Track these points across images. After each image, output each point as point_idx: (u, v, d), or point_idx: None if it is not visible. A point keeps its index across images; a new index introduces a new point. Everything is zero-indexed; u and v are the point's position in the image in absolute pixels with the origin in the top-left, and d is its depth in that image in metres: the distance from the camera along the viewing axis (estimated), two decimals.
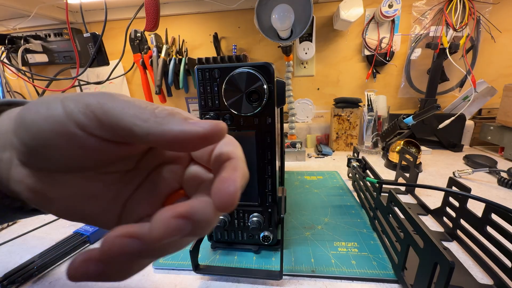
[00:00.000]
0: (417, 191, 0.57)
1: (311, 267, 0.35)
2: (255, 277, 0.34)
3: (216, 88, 0.32)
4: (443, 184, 0.60)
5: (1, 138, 0.15)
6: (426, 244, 0.26)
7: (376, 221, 0.42)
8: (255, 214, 0.36)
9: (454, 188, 0.40)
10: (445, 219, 0.43)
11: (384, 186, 0.42)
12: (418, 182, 0.62)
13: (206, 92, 0.33)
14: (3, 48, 0.96)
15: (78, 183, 0.14)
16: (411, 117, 0.72)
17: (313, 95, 1.00)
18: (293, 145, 0.83)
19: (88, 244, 0.43)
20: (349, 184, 0.62)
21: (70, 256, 0.40)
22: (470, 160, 0.71)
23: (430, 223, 0.45)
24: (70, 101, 0.12)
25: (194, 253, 0.34)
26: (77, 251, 0.41)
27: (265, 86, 0.30)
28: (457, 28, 0.77)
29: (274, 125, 0.33)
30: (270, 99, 0.31)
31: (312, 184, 0.63)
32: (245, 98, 0.31)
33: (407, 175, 0.55)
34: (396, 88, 0.95)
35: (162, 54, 0.91)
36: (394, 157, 0.71)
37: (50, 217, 0.52)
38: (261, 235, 0.36)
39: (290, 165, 0.79)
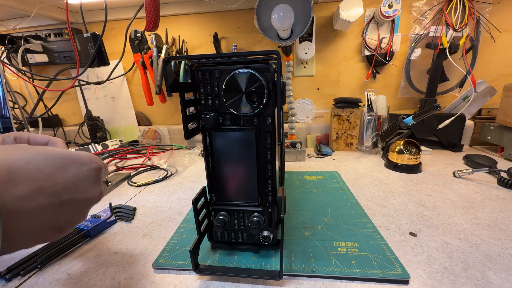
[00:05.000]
0: (417, 190, 0.57)
1: (311, 267, 0.35)
2: (255, 277, 0.34)
3: (216, 88, 0.32)
4: (443, 184, 0.60)
5: None
6: None
7: None
8: (255, 214, 0.36)
9: None
10: None
11: None
12: (419, 182, 0.62)
13: (206, 92, 0.33)
14: (3, 48, 0.96)
15: None
16: (411, 117, 0.72)
17: (313, 95, 1.00)
18: (293, 145, 0.83)
19: (88, 238, 0.44)
20: (349, 184, 0.62)
21: (71, 249, 0.41)
22: (470, 160, 0.71)
23: None
24: None
25: (194, 253, 0.34)
26: (78, 245, 0.42)
27: (265, 86, 0.30)
28: (457, 28, 0.77)
29: (274, 125, 0.33)
30: (270, 99, 0.31)
31: (312, 184, 0.63)
32: (245, 98, 0.31)
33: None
34: (396, 88, 0.95)
35: (162, 54, 0.91)
36: (394, 157, 0.71)
37: None
38: (261, 235, 0.36)
39: (290, 165, 0.79)
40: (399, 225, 0.45)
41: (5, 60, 0.96)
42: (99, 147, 0.98)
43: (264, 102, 0.31)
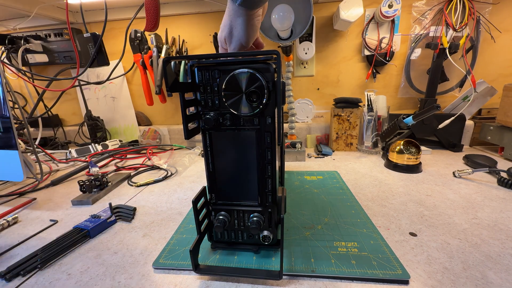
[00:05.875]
0: (417, 190, 0.57)
1: (311, 267, 0.35)
2: (255, 277, 0.34)
3: (216, 88, 0.32)
4: (443, 184, 0.60)
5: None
6: None
7: None
8: (255, 214, 0.36)
9: None
10: None
11: None
12: (419, 182, 0.62)
13: (206, 92, 0.33)
14: (3, 48, 0.96)
15: None
16: (411, 117, 0.72)
17: (313, 95, 1.00)
18: (293, 145, 0.83)
19: (88, 238, 0.44)
20: (349, 184, 0.62)
21: (71, 249, 0.41)
22: (470, 160, 0.71)
23: None
24: None
25: (194, 253, 0.34)
26: (78, 245, 0.42)
27: (265, 86, 0.30)
28: (457, 28, 0.77)
29: (274, 125, 0.33)
30: (270, 99, 0.31)
31: (312, 184, 0.63)
32: (245, 98, 0.31)
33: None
34: (396, 88, 0.95)
35: (162, 54, 0.91)
36: (394, 157, 0.71)
37: (52, 218, 0.52)
38: (261, 235, 0.36)
39: (290, 165, 0.79)
40: (399, 225, 0.45)
41: (5, 60, 0.96)
42: (99, 147, 0.98)
43: (264, 102, 0.31)
